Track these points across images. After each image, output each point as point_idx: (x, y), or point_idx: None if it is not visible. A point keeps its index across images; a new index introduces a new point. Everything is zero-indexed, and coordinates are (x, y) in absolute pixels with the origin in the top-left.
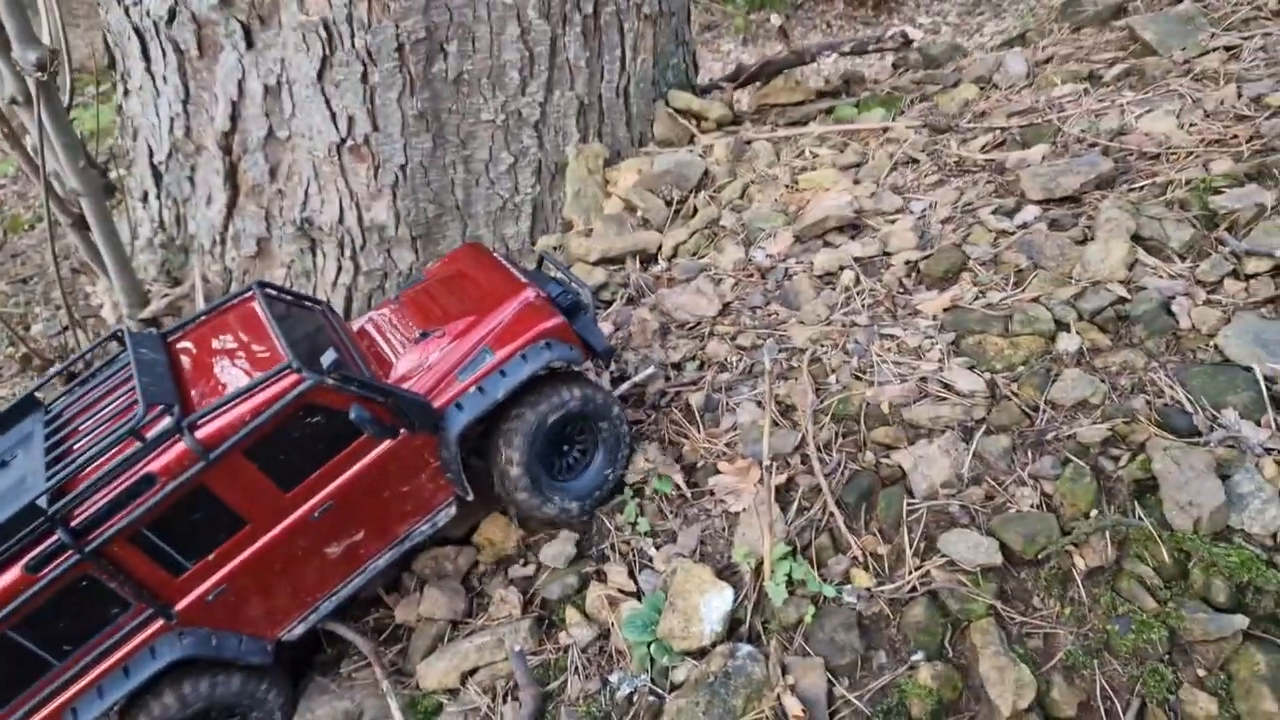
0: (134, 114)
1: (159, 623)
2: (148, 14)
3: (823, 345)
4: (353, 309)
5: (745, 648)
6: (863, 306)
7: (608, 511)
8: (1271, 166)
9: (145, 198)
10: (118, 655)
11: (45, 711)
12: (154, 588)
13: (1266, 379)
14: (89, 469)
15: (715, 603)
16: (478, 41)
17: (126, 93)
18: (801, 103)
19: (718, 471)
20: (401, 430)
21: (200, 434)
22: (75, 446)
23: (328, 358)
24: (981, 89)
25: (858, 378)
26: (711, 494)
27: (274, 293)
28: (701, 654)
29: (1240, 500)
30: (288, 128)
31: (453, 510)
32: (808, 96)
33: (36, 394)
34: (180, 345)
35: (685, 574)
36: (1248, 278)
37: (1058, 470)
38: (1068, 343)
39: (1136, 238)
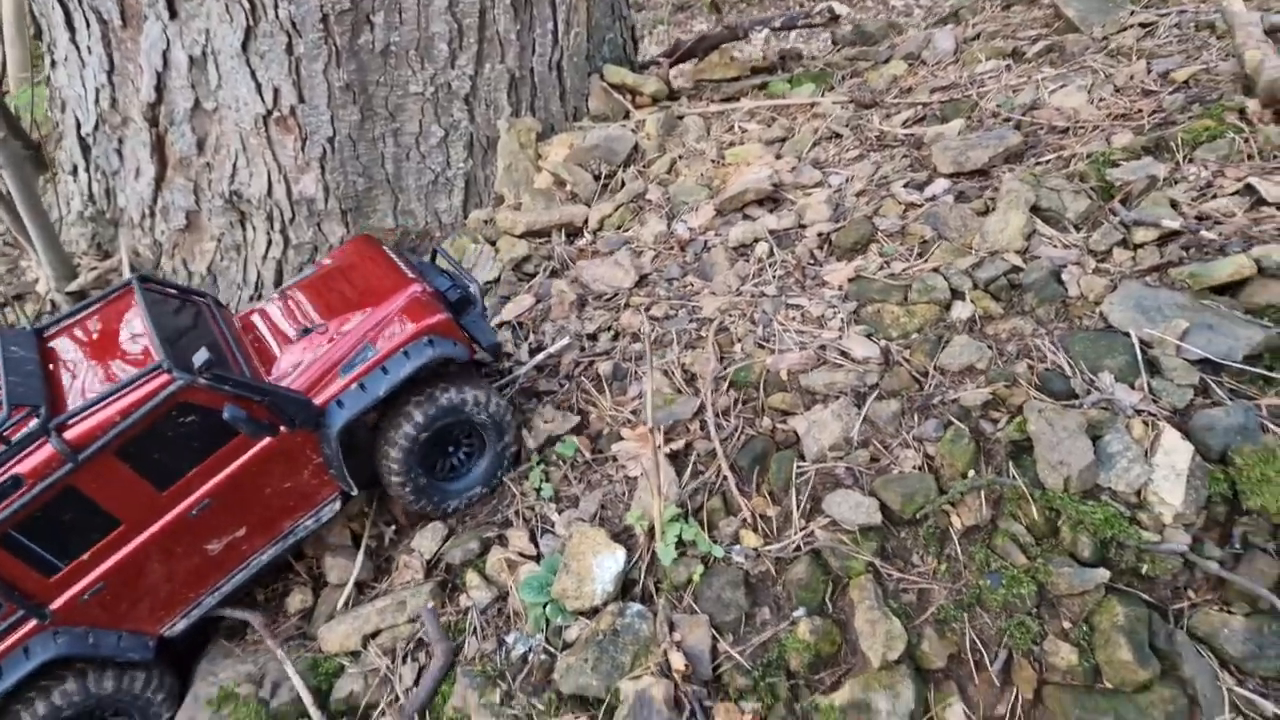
0: (61, 85)
1: (32, 623)
2: None
3: (731, 315)
4: (283, 282)
5: (634, 606)
6: (773, 278)
7: (515, 477)
8: (1169, 140)
9: (75, 171)
10: None
11: None
12: (25, 589)
13: (1142, 344)
14: None
15: (608, 564)
16: (405, 13)
17: (54, 64)
18: (737, 78)
19: (621, 438)
20: (281, 428)
21: (69, 435)
22: None
23: (200, 357)
24: (910, 66)
25: (761, 346)
26: (614, 459)
27: (156, 286)
28: (593, 613)
29: (1109, 460)
30: (214, 99)
31: (337, 505)
32: (743, 72)
33: None
34: (55, 341)
35: (580, 537)
36: (1136, 247)
37: (940, 433)
38: (961, 310)
39: (1035, 209)
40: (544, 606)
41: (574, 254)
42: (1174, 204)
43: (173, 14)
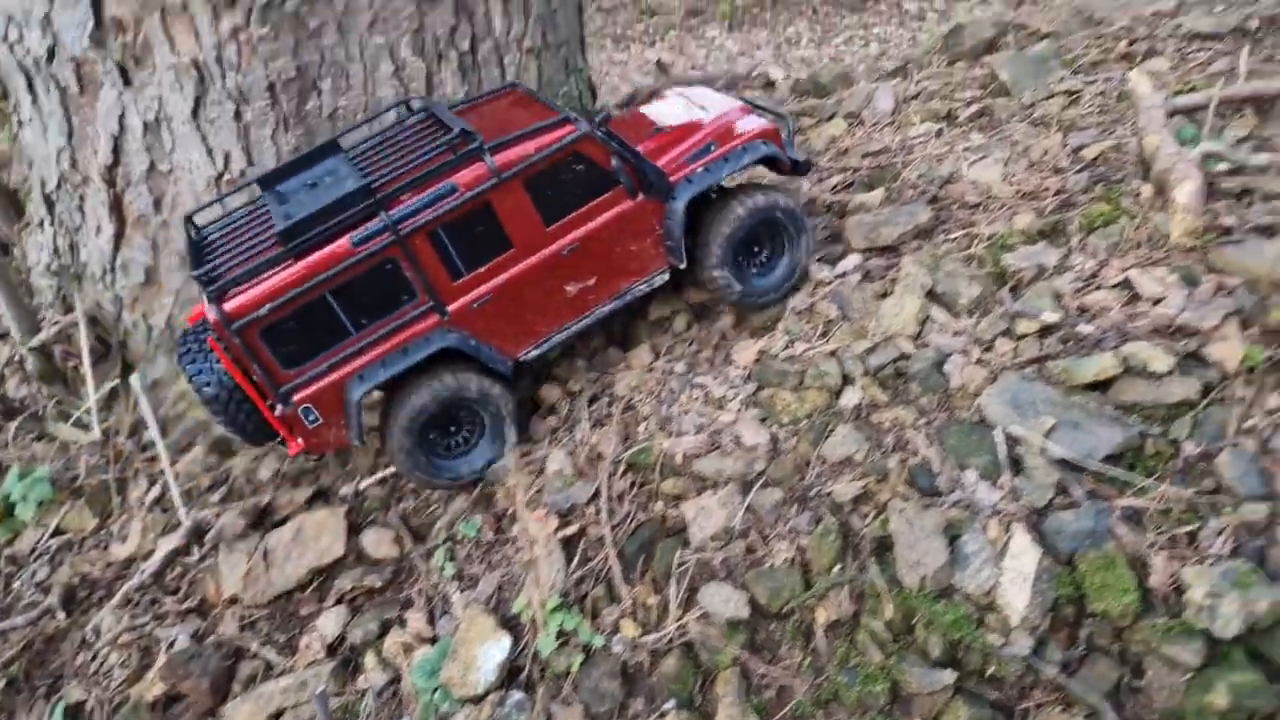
0: (27, 143)
1: (434, 318)
2: (29, 52)
3: (640, 393)
4: None
5: (515, 696)
6: (687, 353)
7: (422, 554)
8: (1066, 223)
9: (41, 224)
10: (400, 337)
11: (340, 373)
12: (437, 285)
13: (1009, 439)
14: (403, 175)
15: (493, 652)
16: (351, 79)
17: (20, 123)
18: None
19: (521, 519)
20: (640, 194)
21: (496, 159)
22: (381, 170)
23: (598, 116)
24: (850, 125)
25: (662, 428)
26: (513, 541)
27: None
28: (477, 701)
29: (964, 560)
30: (169, 161)
31: (666, 276)
32: None
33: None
34: (466, 113)
35: (470, 623)
36: (1018, 338)
37: (812, 526)
38: (850, 397)
39: (932, 293)
40: (433, 692)
41: None
42: (1058, 296)
43: (127, 82)
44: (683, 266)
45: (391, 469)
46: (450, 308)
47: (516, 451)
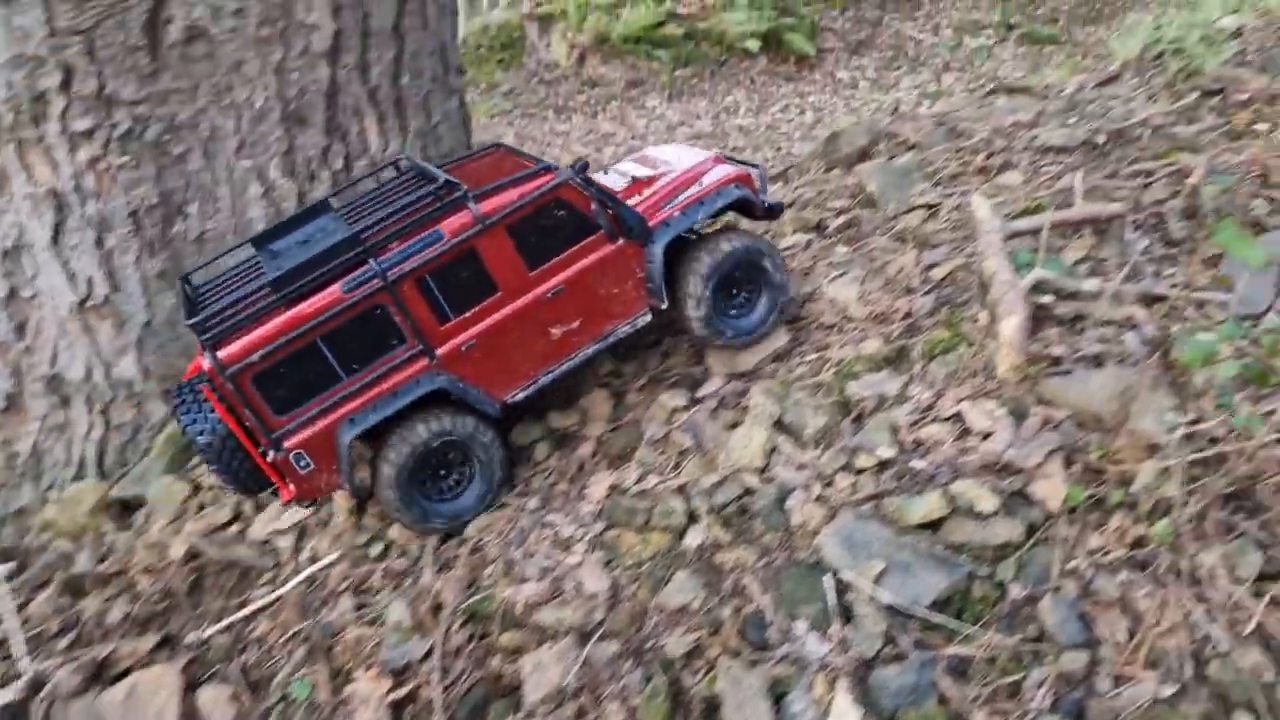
0: None
1: (423, 361)
2: None
3: (490, 533)
4: (105, 464)
5: None
6: (543, 486)
7: (258, 717)
8: (910, 350)
9: None
10: (390, 382)
11: (331, 418)
12: (425, 330)
13: (839, 585)
14: (390, 225)
15: None
16: (219, 202)
17: None
18: None
19: (355, 679)
20: (620, 239)
21: (480, 206)
22: (370, 222)
23: (577, 163)
24: None
25: (507, 572)
26: (345, 704)
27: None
28: None
29: None
30: (32, 287)
31: (649, 318)
32: None
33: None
34: (452, 169)
35: None
36: (857, 473)
37: (643, 685)
38: (694, 537)
39: (780, 424)
40: None
41: None
42: (895, 429)
43: None
44: (664, 307)
45: (241, 613)
46: (439, 351)
47: (352, 605)
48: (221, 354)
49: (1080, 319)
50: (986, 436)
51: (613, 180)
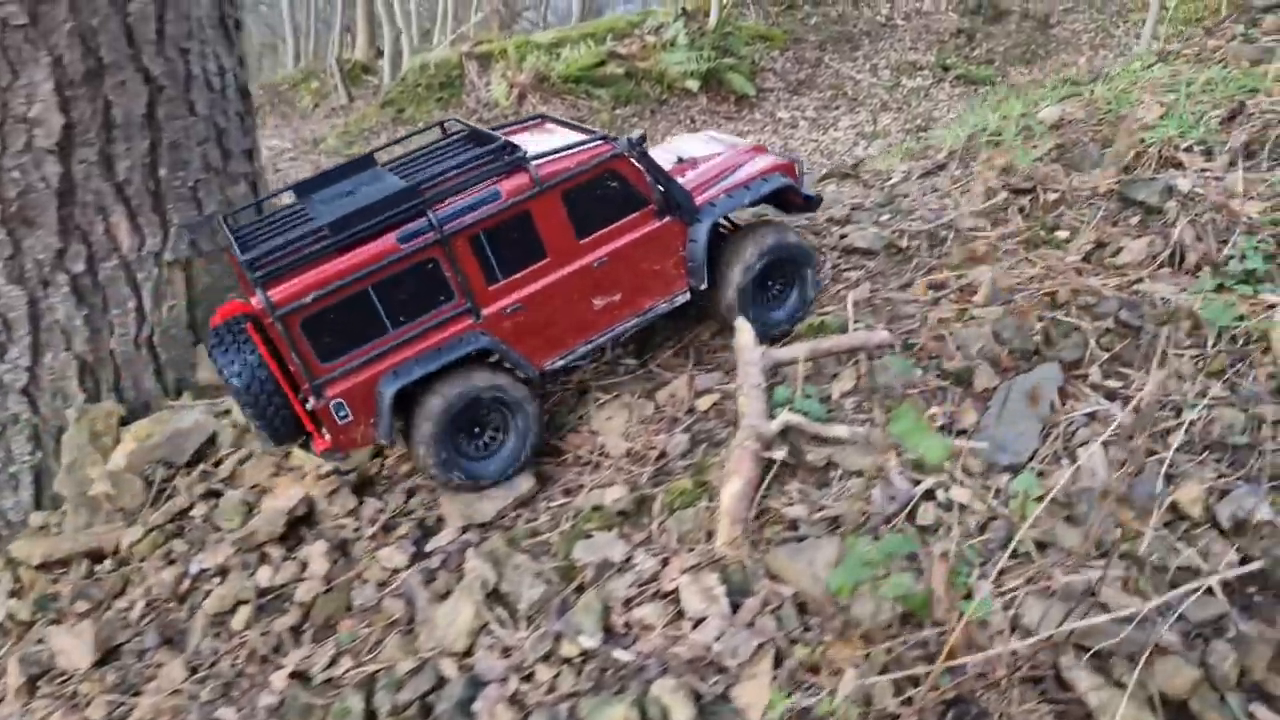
0: None
1: (469, 320)
2: None
3: None
4: None
5: None
6: (228, 667)
7: None
8: (650, 501)
9: None
10: (435, 337)
11: (374, 369)
12: (474, 288)
13: None
14: (447, 180)
15: None
16: None
17: None
18: None
19: None
20: (667, 215)
21: (538, 170)
22: (424, 177)
23: (635, 134)
24: None
25: None
26: None
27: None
28: None
29: None
30: None
31: (686, 297)
32: None
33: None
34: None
35: None
36: (561, 662)
37: None
38: None
39: (496, 593)
40: None
41: (65, 605)
42: (608, 608)
43: None
44: (703, 287)
45: None
46: (485, 311)
47: None
48: (275, 294)
49: (833, 466)
50: (699, 623)
51: (660, 159)
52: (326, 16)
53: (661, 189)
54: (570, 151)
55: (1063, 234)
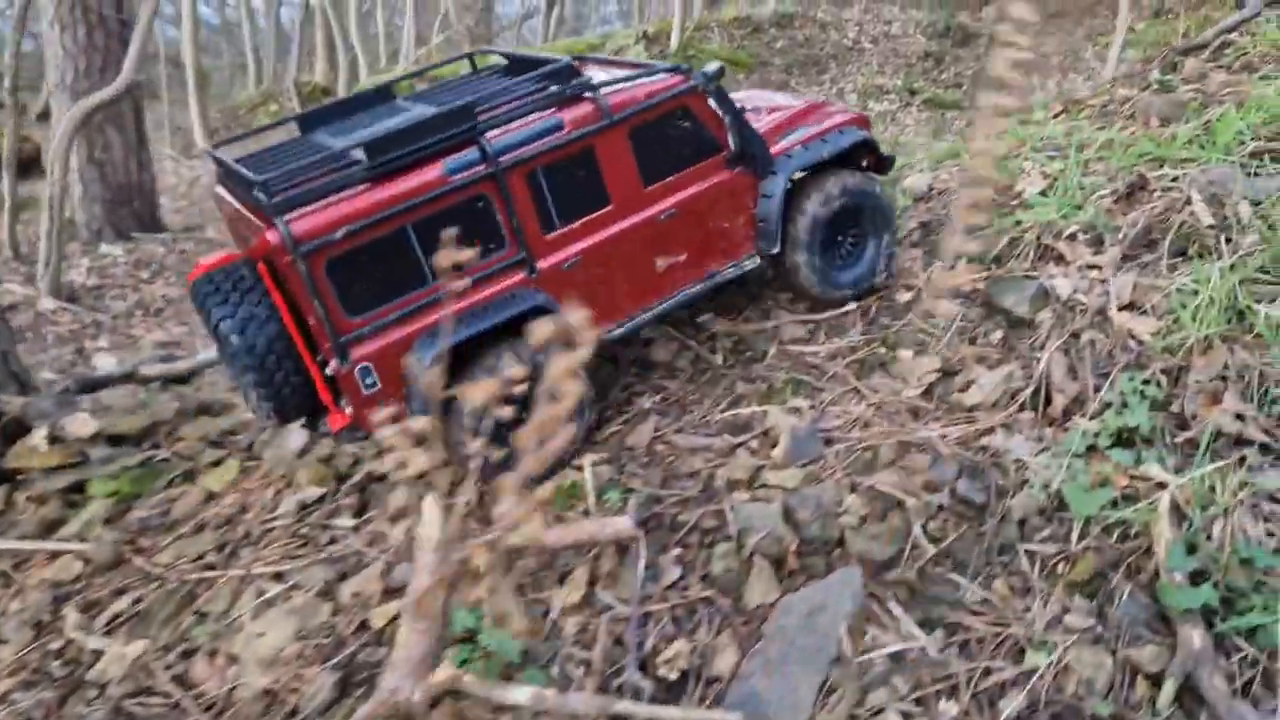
0: None
1: (522, 274)
2: None
3: None
4: None
5: None
6: None
7: None
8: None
9: None
10: (483, 292)
11: (409, 328)
12: (529, 236)
13: None
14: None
15: None
16: None
17: None
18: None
19: None
20: (739, 166)
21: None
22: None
23: (711, 67)
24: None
25: None
26: None
27: None
28: None
29: None
30: None
31: (756, 262)
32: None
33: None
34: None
35: None
36: None
37: None
38: None
39: None
40: None
41: None
42: None
43: None
44: (775, 251)
45: None
46: (540, 265)
47: None
48: (297, 227)
49: None
50: None
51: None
52: (286, 41)
53: (738, 134)
54: (641, 82)
55: (907, 352)
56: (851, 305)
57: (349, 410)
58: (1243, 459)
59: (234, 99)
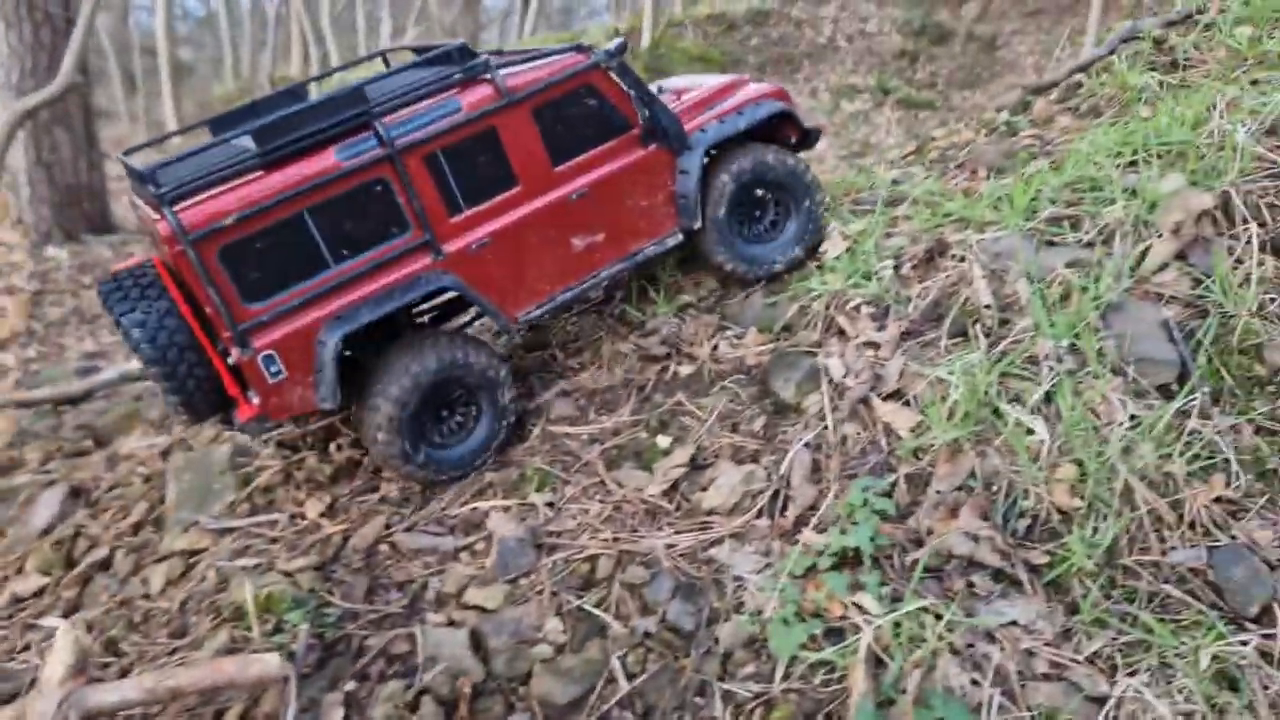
0: None
1: (427, 257)
2: None
3: None
4: None
5: None
6: None
7: None
8: None
9: None
10: (388, 277)
11: (314, 314)
12: (432, 219)
13: None
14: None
15: None
16: None
17: None
18: None
19: None
20: (653, 143)
21: (505, 81)
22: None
23: (614, 43)
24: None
25: None
26: None
27: None
28: None
29: None
30: None
31: (679, 238)
32: None
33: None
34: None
35: None
36: None
37: None
38: None
39: None
40: None
41: None
42: None
43: None
44: (697, 227)
45: None
46: (446, 248)
47: None
48: (186, 216)
49: None
50: None
51: None
52: (263, 35)
53: (646, 110)
54: (541, 62)
55: (665, 441)
56: (666, 355)
57: (256, 401)
58: (970, 586)
59: (212, 92)
